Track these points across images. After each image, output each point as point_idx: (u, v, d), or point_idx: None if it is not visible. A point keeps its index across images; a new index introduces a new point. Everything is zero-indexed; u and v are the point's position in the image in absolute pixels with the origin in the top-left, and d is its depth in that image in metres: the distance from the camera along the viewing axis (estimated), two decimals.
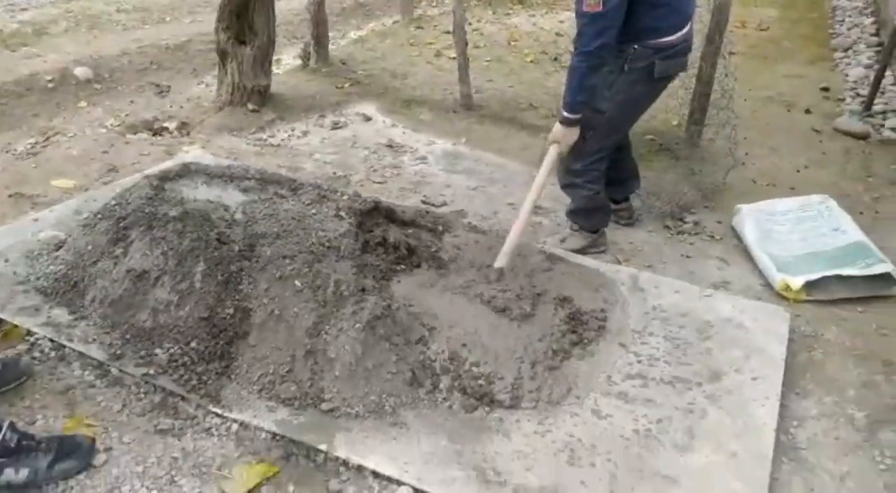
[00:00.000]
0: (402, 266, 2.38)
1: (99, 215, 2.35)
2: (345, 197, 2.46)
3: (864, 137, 4.08)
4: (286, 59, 5.02)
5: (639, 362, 2.11)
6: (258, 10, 3.65)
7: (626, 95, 2.47)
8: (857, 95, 4.73)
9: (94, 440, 1.68)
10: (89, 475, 1.63)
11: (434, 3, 6.61)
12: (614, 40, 2.29)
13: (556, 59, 5.22)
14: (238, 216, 2.27)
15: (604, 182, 2.73)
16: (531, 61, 5.18)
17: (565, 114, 2.41)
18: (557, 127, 2.46)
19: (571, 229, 2.85)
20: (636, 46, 2.38)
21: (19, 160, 3.30)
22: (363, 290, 2.05)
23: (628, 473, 1.72)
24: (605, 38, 2.25)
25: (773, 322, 2.30)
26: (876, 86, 4.40)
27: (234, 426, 1.80)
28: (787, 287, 2.52)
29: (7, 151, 3.39)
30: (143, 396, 1.88)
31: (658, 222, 3.06)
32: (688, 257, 2.82)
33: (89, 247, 2.26)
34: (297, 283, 2.02)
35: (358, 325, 1.94)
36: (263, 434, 1.78)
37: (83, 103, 4.08)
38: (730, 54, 3.69)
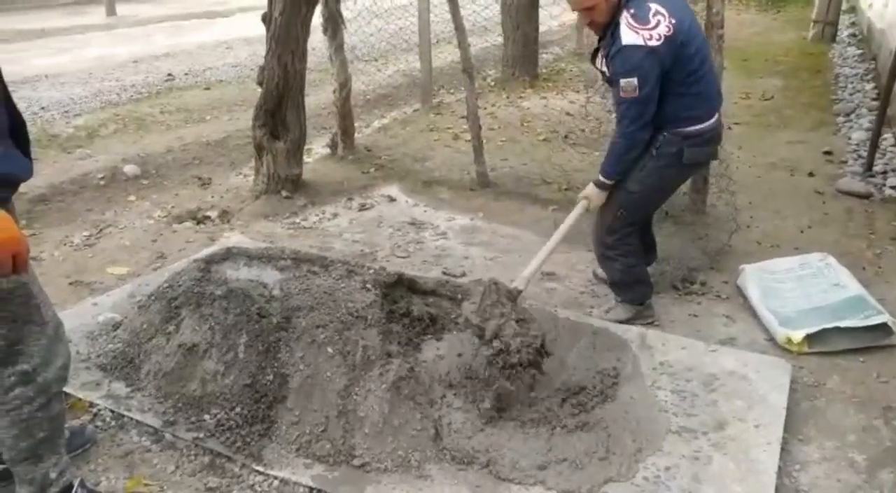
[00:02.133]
0: (427, 335, 2.59)
1: (152, 297, 2.63)
2: (371, 271, 2.70)
3: (866, 196, 4.26)
4: (316, 149, 5.41)
5: None
6: (290, 108, 4.05)
7: (656, 178, 2.68)
8: (860, 156, 4.91)
9: None
10: None
11: (451, 91, 7.06)
12: (650, 122, 2.54)
13: (566, 137, 5.54)
14: (276, 292, 2.52)
15: (639, 255, 2.90)
16: (543, 140, 5.51)
17: (601, 178, 2.69)
18: (591, 187, 2.73)
19: (615, 301, 2.96)
20: (665, 134, 2.60)
21: (77, 251, 3.63)
22: (389, 354, 2.27)
23: None
24: (643, 120, 2.52)
25: (775, 373, 2.45)
26: (874, 146, 4.61)
27: (275, 483, 1.99)
28: (790, 340, 2.66)
29: (65, 244, 3.73)
30: (193, 458, 2.09)
31: (666, 284, 3.24)
32: (695, 315, 2.98)
33: (144, 326, 2.53)
34: (329, 349, 2.24)
35: (384, 386, 2.15)
36: (301, 489, 1.96)
37: (132, 198, 4.46)
38: (728, 128, 3.95)
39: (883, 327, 2.66)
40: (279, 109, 4.03)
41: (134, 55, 9.29)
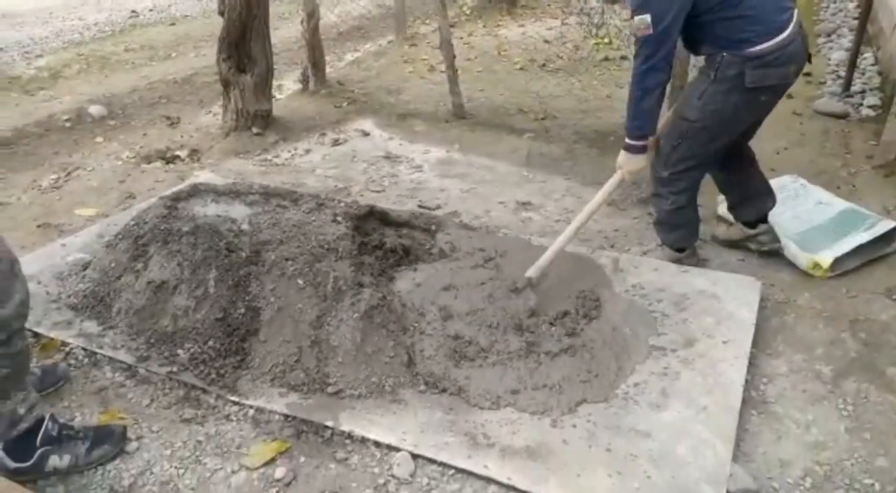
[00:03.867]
0: (402, 266, 2.58)
1: (119, 236, 2.58)
2: (341, 204, 2.67)
3: (843, 116, 4.23)
4: (287, 85, 5.28)
5: None
6: (255, 40, 3.91)
7: (719, 105, 2.32)
8: (839, 76, 4.86)
9: (125, 428, 1.90)
10: (124, 460, 1.84)
11: (427, 21, 6.85)
12: (668, 62, 2.24)
13: (543, 65, 5.43)
14: (244, 227, 2.48)
15: (693, 197, 2.59)
16: (520, 68, 5.39)
17: (627, 140, 2.37)
18: (622, 153, 2.41)
19: (657, 245, 2.81)
20: (725, 54, 2.26)
21: (44, 194, 3.56)
22: (361, 285, 2.26)
23: (605, 430, 1.90)
24: (657, 58, 2.20)
25: (744, 291, 2.47)
26: (852, 65, 4.55)
27: (251, 412, 2.01)
28: (817, 265, 2.61)
29: (32, 188, 3.65)
30: (168, 391, 2.09)
31: (642, 209, 3.23)
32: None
33: (112, 264, 2.49)
34: (300, 281, 2.23)
35: (356, 314, 2.15)
36: (276, 417, 1.98)
37: (100, 139, 4.34)
38: None
39: (889, 234, 2.68)
40: (243, 41, 3.89)
41: None
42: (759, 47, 2.21)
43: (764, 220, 2.74)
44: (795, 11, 2.29)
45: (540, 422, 1.93)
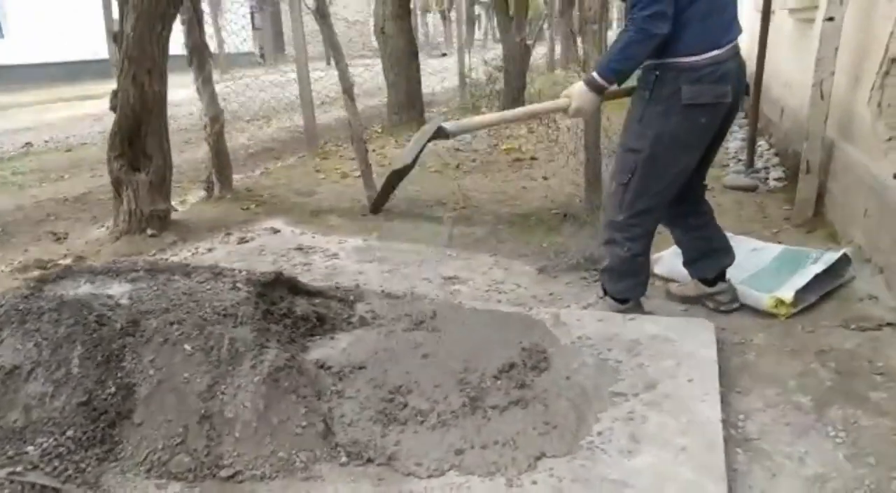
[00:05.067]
0: (316, 336, 2.23)
1: None
2: (242, 273, 2.33)
3: (752, 189, 4.32)
4: (190, 199, 4.99)
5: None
6: (150, 134, 3.65)
7: (659, 127, 2.19)
8: (739, 160, 5.08)
9: None
10: None
11: (338, 144, 6.82)
12: (672, 12, 2.06)
13: (457, 166, 5.42)
14: (123, 301, 2.09)
15: (648, 245, 2.43)
16: (435, 171, 5.35)
17: (594, 74, 2.20)
18: (579, 84, 2.25)
19: (598, 297, 2.65)
20: (657, 72, 2.17)
21: None
22: (263, 346, 1.88)
23: (573, 483, 1.54)
24: (664, 4, 2.04)
25: (698, 331, 2.24)
26: (751, 147, 4.76)
27: None
28: (780, 302, 2.45)
29: None
30: None
31: (574, 275, 3.04)
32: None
33: None
34: (187, 346, 1.83)
35: (258, 378, 1.76)
36: None
37: None
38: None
39: (839, 264, 2.60)
40: (138, 137, 3.63)
41: None
42: (693, 58, 2.12)
43: (722, 277, 2.57)
44: (737, 41, 2.24)
45: (493, 483, 1.55)
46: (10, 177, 5.67)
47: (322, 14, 4.15)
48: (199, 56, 4.33)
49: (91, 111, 9.95)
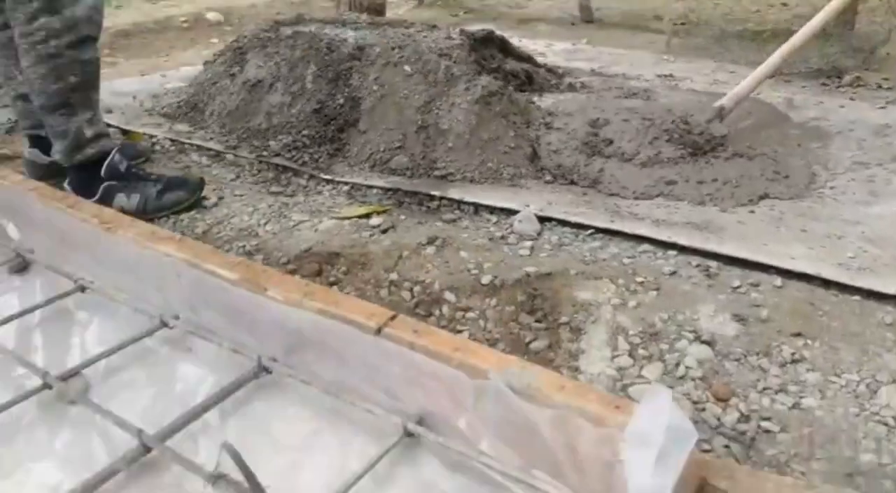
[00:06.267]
0: (525, 92, 2.22)
1: (218, 54, 2.38)
2: (457, 28, 2.34)
3: None
4: (404, 6, 5.06)
5: None
6: None
7: None
8: None
9: (202, 178, 1.63)
10: (200, 212, 1.57)
11: None
12: None
13: None
14: (349, 34, 2.20)
15: None
16: None
17: None
18: None
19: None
20: None
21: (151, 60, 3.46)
22: (476, 74, 1.91)
23: (798, 217, 1.44)
24: None
25: None
26: None
27: (345, 188, 1.69)
28: None
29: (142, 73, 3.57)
30: (256, 172, 1.82)
31: (815, 81, 2.69)
32: (851, 100, 2.44)
33: (209, 75, 2.28)
34: (407, 68, 1.90)
35: (471, 97, 1.79)
36: (375, 190, 1.65)
37: (215, 40, 4.26)
38: None
39: None
40: None
41: None
42: None
43: None
44: None
45: (704, 209, 1.50)
46: None
47: None
48: None
49: None
